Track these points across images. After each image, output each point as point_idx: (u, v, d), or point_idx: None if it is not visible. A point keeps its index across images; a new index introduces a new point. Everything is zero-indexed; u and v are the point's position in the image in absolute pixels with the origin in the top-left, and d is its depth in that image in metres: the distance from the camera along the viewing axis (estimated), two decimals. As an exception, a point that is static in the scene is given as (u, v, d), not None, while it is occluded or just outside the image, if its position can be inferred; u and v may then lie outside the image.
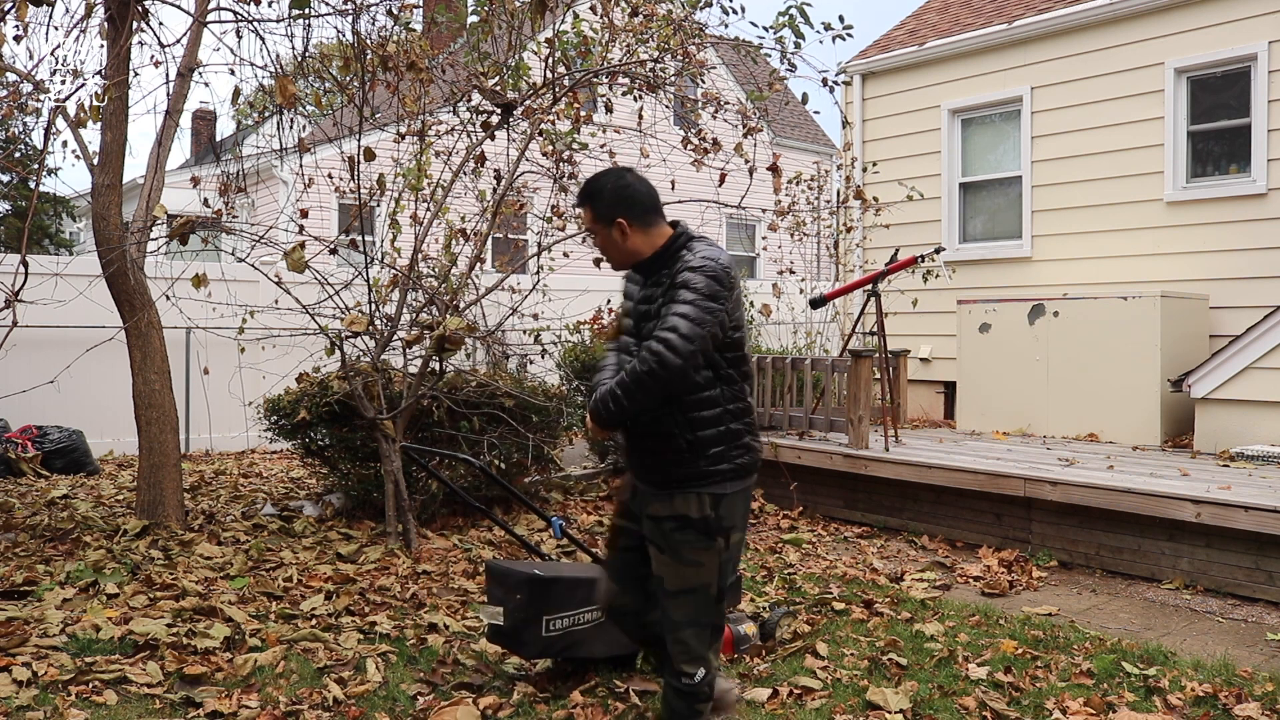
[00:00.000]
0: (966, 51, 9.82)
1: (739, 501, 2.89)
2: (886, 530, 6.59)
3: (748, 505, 2.97)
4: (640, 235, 2.92)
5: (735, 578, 2.99)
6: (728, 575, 2.92)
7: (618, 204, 2.92)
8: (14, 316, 5.04)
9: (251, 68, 5.74)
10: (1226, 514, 4.97)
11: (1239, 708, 3.56)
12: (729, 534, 2.87)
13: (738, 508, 2.89)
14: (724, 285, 2.76)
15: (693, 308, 2.70)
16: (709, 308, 2.72)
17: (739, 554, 2.98)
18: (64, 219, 18.70)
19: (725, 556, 2.88)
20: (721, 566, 2.88)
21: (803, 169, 10.98)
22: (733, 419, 2.87)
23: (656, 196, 2.97)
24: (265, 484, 7.89)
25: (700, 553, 2.86)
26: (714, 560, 2.86)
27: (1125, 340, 7.60)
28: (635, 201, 2.92)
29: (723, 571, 2.89)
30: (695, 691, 2.89)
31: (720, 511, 2.84)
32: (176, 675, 3.74)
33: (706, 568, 2.87)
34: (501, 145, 6.85)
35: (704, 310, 2.71)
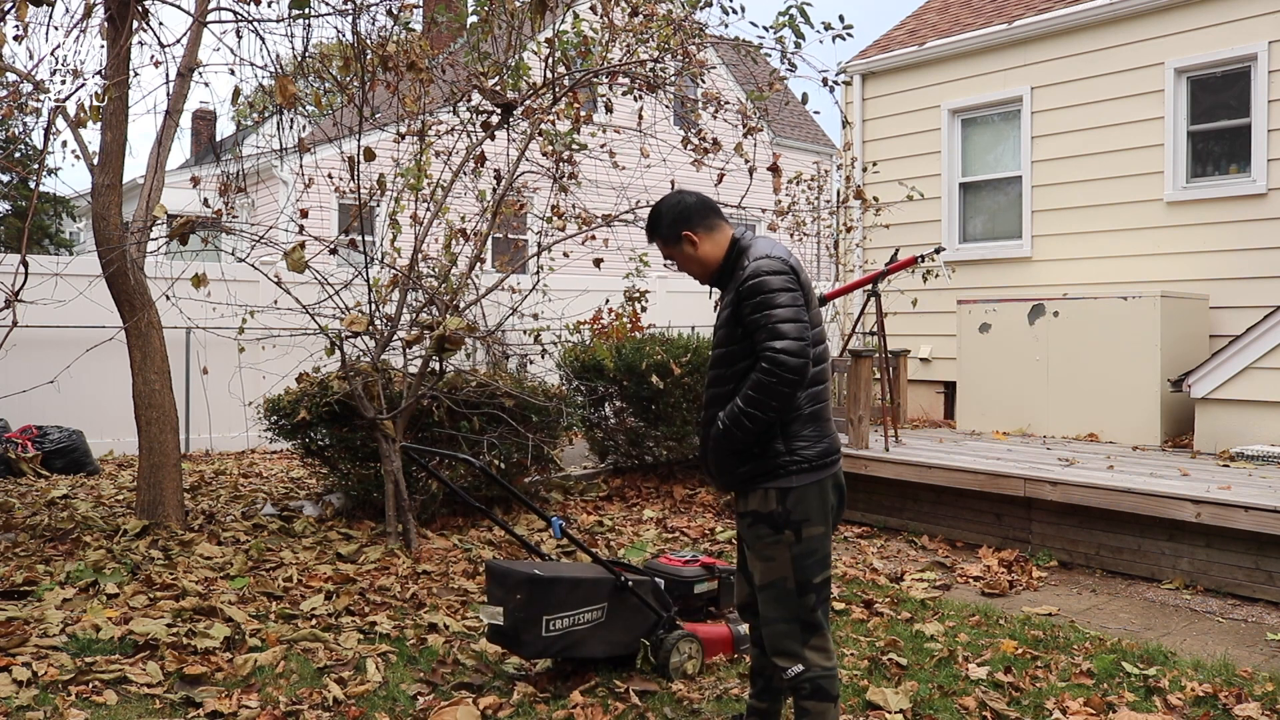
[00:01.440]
0: (966, 51, 9.82)
1: (809, 495, 2.90)
2: (886, 530, 6.59)
3: (823, 499, 2.93)
4: (708, 241, 3.06)
5: (824, 575, 2.94)
6: (809, 570, 2.91)
7: (677, 220, 3.07)
8: (14, 316, 5.04)
9: (251, 68, 5.74)
10: (1226, 514, 4.97)
11: (1239, 708, 3.56)
12: (799, 527, 2.89)
13: (808, 501, 2.90)
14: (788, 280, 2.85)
15: (780, 309, 2.81)
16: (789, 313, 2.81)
17: (821, 548, 2.93)
18: (64, 219, 18.70)
19: (797, 549, 2.89)
20: (795, 560, 2.90)
21: (803, 169, 10.99)
22: (793, 411, 2.88)
23: (709, 200, 3.11)
24: (265, 484, 7.89)
25: (771, 547, 2.92)
26: (784, 554, 2.90)
27: (1125, 340, 7.60)
28: (692, 211, 3.07)
29: (799, 565, 2.90)
30: (796, 687, 2.93)
31: (788, 505, 2.89)
32: (176, 675, 3.74)
33: (779, 562, 2.92)
34: (501, 145, 6.84)
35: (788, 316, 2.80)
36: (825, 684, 2.92)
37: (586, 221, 7.08)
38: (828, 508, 2.95)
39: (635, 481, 7.97)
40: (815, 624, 2.92)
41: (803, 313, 2.84)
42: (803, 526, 2.89)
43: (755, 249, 2.96)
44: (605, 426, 8.16)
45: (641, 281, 9.01)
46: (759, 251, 2.93)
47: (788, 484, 2.89)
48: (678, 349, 7.79)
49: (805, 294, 2.92)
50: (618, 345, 7.93)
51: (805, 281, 2.95)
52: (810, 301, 2.94)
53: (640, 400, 7.73)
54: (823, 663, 2.92)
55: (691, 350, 7.83)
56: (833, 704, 2.94)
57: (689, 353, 7.77)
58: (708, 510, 7.23)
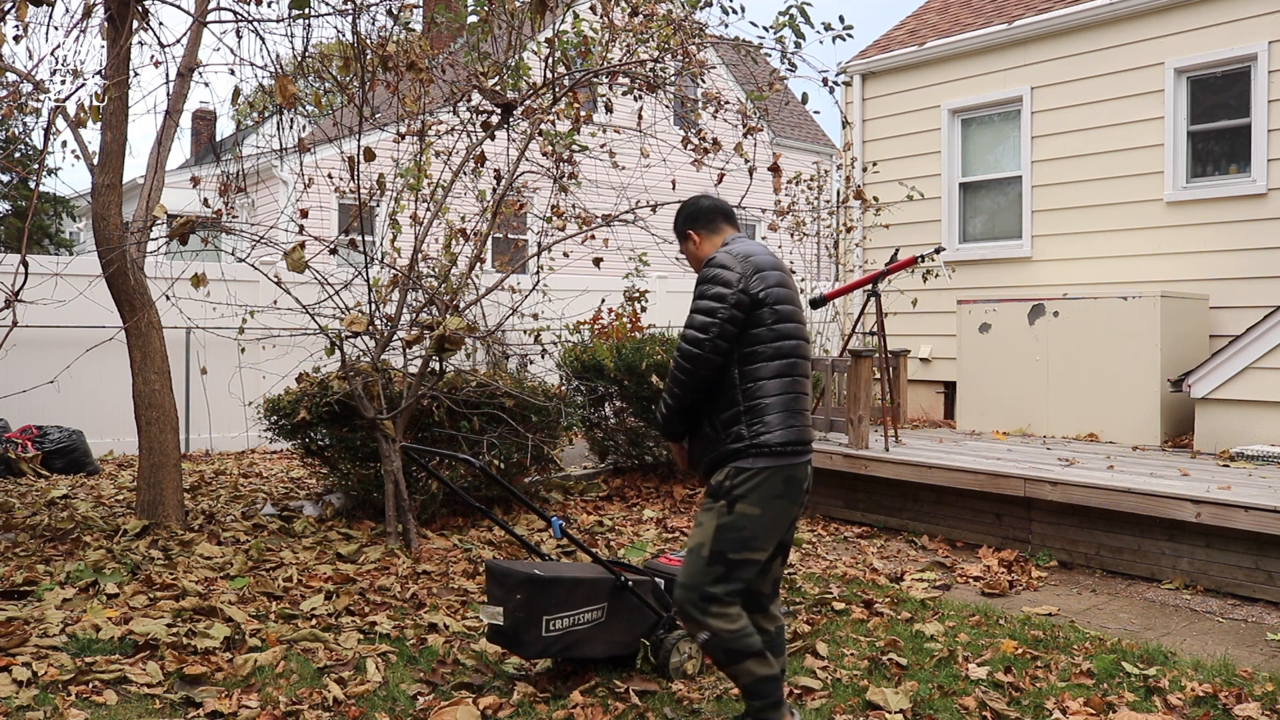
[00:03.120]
0: (966, 51, 9.82)
1: (760, 478, 3.01)
2: (886, 530, 6.59)
3: (774, 486, 3.03)
4: (707, 241, 3.33)
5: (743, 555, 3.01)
6: (727, 543, 3.01)
7: (685, 220, 3.38)
8: (14, 316, 5.04)
9: (251, 68, 5.74)
10: (1226, 514, 4.97)
11: (1239, 708, 3.56)
12: (735, 501, 3.01)
13: (756, 482, 3.01)
14: (719, 281, 3.04)
15: (700, 301, 3.05)
16: (705, 307, 3.04)
17: (750, 528, 3.01)
18: (64, 219, 18.70)
19: (724, 520, 3.01)
20: (718, 529, 3.02)
21: (803, 169, 10.99)
22: (750, 398, 3.04)
23: (723, 206, 3.38)
24: (265, 484, 7.89)
25: (705, 513, 3.08)
26: (711, 521, 3.03)
27: (1125, 340, 7.60)
28: (700, 212, 3.36)
29: (719, 535, 3.01)
30: (711, 655, 3.06)
31: (734, 480, 3.03)
32: (176, 675, 3.74)
33: (704, 528, 3.05)
34: (501, 145, 6.85)
35: (704, 310, 3.04)
36: (735, 644, 3.01)
37: (586, 221, 7.08)
38: (772, 496, 3.03)
39: (635, 481, 7.97)
40: (713, 597, 3.01)
41: (718, 307, 3.00)
42: (738, 501, 3.01)
43: (721, 251, 3.14)
44: (605, 426, 8.17)
45: (641, 281, 9.00)
46: (728, 250, 3.13)
47: (741, 464, 3.03)
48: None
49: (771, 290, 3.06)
50: (618, 345, 7.93)
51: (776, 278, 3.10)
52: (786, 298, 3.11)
53: (640, 400, 7.73)
54: (727, 626, 3.01)
55: (691, 350, 7.80)
56: (753, 658, 3.03)
57: (689, 353, 7.75)
58: (708, 510, 7.22)
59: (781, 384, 3.06)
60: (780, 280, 3.11)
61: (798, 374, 3.12)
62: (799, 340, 3.14)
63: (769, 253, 3.19)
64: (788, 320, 3.11)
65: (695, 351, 3.01)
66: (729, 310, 3.00)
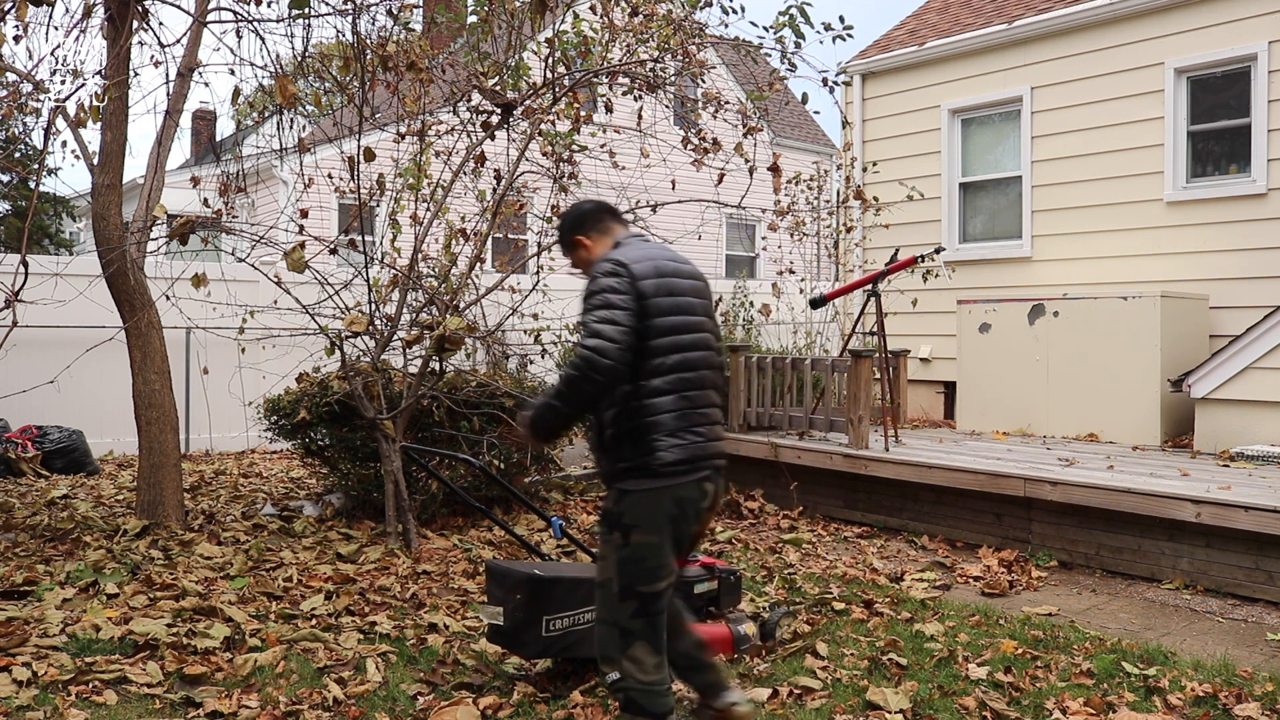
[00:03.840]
0: (966, 51, 9.82)
1: (648, 501, 2.85)
2: (886, 530, 6.59)
3: (666, 509, 2.85)
4: (600, 244, 3.11)
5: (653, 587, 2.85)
6: (633, 576, 2.86)
7: (571, 227, 3.15)
8: (14, 316, 5.04)
9: (251, 68, 5.74)
10: (1226, 514, 4.97)
11: (1239, 708, 3.56)
12: (629, 531, 2.86)
13: (644, 507, 2.85)
14: (613, 289, 2.82)
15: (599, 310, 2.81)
16: (606, 316, 2.79)
17: (652, 558, 2.86)
18: (64, 219, 18.70)
19: (624, 553, 2.87)
20: (620, 564, 2.87)
21: (803, 169, 10.99)
22: (635, 416, 2.85)
23: (607, 205, 3.18)
24: (265, 484, 7.89)
25: (604, 545, 2.94)
26: (610, 554, 2.90)
27: (1125, 340, 7.60)
28: (585, 216, 3.14)
29: (623, 569, 2.87)
30: (614, 693, 2.93)
31: (623, 507, 2.88)
32: (176, 675, 3.74)
33: (607, 561, 2.92)
34: (501, 145, 6.84)
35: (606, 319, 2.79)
36: (638, 698, 2.86)
37: (586, 221, 7.07)
38: (665, 519, 2.86)
39: (635, 481, 7.96)
40: (632, 632, 2.87)
41: (622, 315, 2.79)
42: (632, 531, 2.85)
43: (610, 254, 2.94)
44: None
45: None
46: (609, 256, 2.92)
47: (626, 485, 2.87)
48: (678, 349, 7.77)
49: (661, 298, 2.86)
50: (618, 345, 7.90)
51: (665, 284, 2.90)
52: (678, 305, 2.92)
53: (640, 400, 7.71)
54: (638, 675, 2.86)
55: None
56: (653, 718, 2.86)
57: (689, 353, 7.75)
58: (708, 510, 7.22)
59: (673, 397, 2.86)
60: (669, 286, 2.91)
61: (693, 384, 2.92)
62: (698, 348, 2.95)
63: (665, 253, 3.02)
64: (683, 327, 2.92)
65: (605, 362, 2.74)
66: (628, 315, 2.79)
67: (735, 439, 7.56)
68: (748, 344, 8.25)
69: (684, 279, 3.00)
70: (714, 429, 3.00)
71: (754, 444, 7.38)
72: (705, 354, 3.00)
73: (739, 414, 7.64)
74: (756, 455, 7.35)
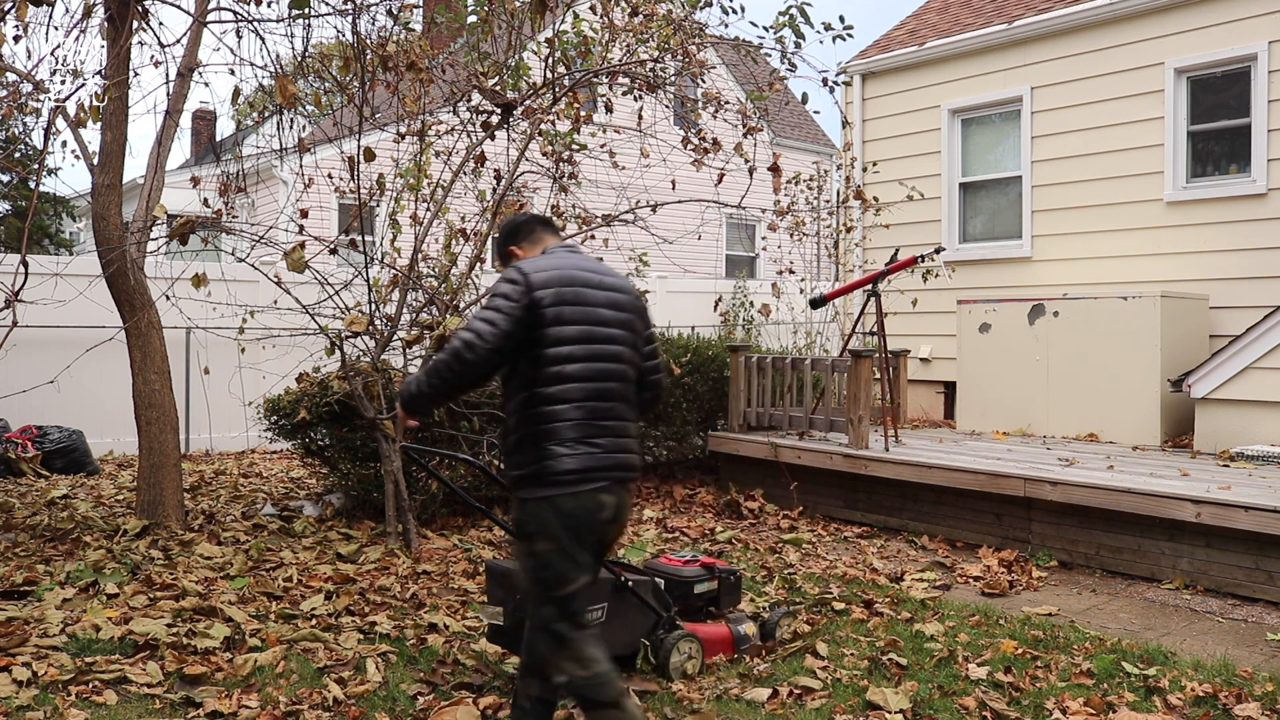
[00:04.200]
0: (966, 51, 9.82)
1: (541, 509, 2.85)
2: (886, 530, 6.59)
3: (562, 518, 2.84)
4: (530, 254, 3.14)
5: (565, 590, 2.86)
6: (544, 584, 2.88)
7: (505, 239, 3.22)
8: (14, 316, 5.04)
9: (251, 68, 5.74)
10: (1226, 514, 4.97)
11: (1239, 708, 3.56)
12: (532, 539, 2.89)
13: (539, 515, 2.86)
14: (505, 295, 2.87)
15: (483, 310, 2.89)
16: (487, 316, 2.85)
17: (557, 564, 2.85)
18: (64, 219, 18.70)
19: (531, 562, 2.90)
20: (531, 572, 2.92)
21: (803, 169, 10.99)
22: (531, 424, 2.87)
23: (542, 217, 3.25)
24: (265, 484, 7.89)
25: (516, 553, 3.03)
26: (524, 561, 2.95)
27: (1125, 340, 7.60)
28: (518, 227, 3.21)
29: (534, 577, 2.90)
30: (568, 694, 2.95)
31: (523, 516, 2.91)
32: (176, 675, 3.74)
33: (524, 569, 2.97)
34: (501, 145, 6.85)
35: (486, 318, 2.85)
36: (589, 691, 2.87)
37: (586, 221, 7.09)
38: (563, 528, 2.84)
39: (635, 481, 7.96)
40: (561, 634, 2.88)
41: (501, 319, 2.83)
42: (534, 539, 2.88)
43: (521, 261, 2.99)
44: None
45: (641, 281, 8.99)
46: (516, 264, 2.97)
47: (523, 494, 2.89)
48: (678, 349, 7.79)
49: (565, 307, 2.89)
50: (618, 345, 7.91)
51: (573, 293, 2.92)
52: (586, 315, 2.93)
53: (640, 400, 7.71)
54: (579, 671, 2.87)
55: (691, 350, 7.83)
56: (608, 708, 2.87)
57: (689, 353, 7.77)
58: (708, 510, 7.23)
59: (569, 406, 2.86)
60: (578, 295, 2.92)
61: (595, 395, 2.90)
62: (603, 359, 2.94)
63: (584, 264, 3.02)
64: (586, 337, 2.91)
65: (469, 356, 2.82)
66: (509, 321, 2.82)
67: (735, 439, 7.56)
68: (748, 344, 8.25)
69: (600, 290, 2.99)
70: (619, 440, 2.96)
71: (754, 444, 7.38)
72: (613, 365, 2.97)
73: (739, 414, 7.65)
74: (756, 455, 7.35)
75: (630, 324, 3.05)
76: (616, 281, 3.08)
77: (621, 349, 3.00)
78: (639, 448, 2.99)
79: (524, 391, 2.90)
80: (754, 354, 7.80)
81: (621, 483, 2.96)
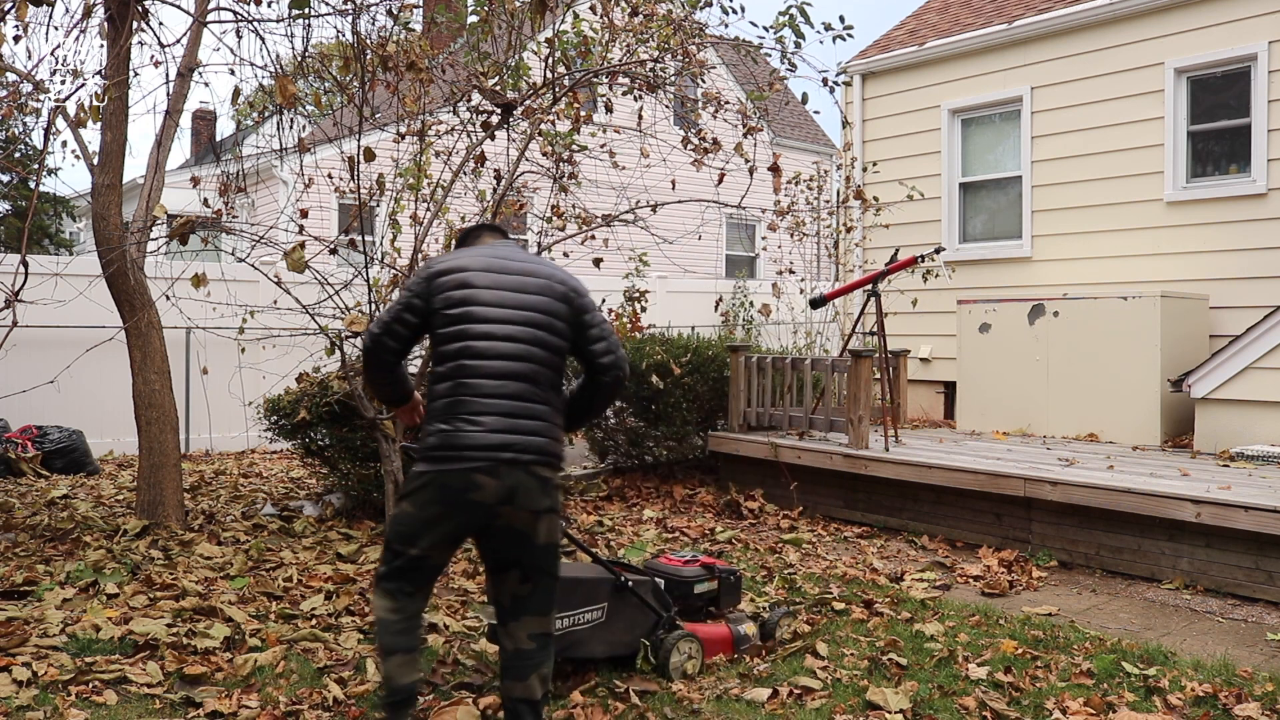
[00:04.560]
0: (966, 51, 9.82)
1: (416, 480, 2.98)
2: (886, 530, 6.59)
3: (429, 492, 2.94)
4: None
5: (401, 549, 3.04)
6: (391, 533, 3.06)
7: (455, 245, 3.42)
8: (14, 316, 5.04)
9: (251, 68, 5.74)
10: (1226, 514, 4.97)
11: (1239, 708, 3.56)
12: (402, 498, 3.06)
13: (413, 484, 2.99)
14: (409, 284, 3.12)
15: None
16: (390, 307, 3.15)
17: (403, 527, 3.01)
18: (64, 219, 18.70)
19: (393, 513, 3.10)
20: (390, 520, 3.14)
21: (803, 169, 10.99)
22: (428, 400, 3.07)
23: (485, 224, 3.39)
24: (265, 484, 7.89)
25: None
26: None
27: (1125, 340, 7.60)
28: (466, 234, 3.39)
29: (390, 526, 3.09)
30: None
31: (407, 477, 3.08)
32: (176, 675, 3.74)
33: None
34: (501, 145, 6.84)
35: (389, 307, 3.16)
36: (377, 628, 3.07)
37: (586, 221, 7.09)
38: (426, 501, 2.95)
39: (635, 481, 7.97)
40: (380, 575, 3.09)
41: (397, 307, 3.08)
42: (404, 499, 3.05)
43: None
44: (605, 426, 8.17)
45: (641, 281, 9.00)
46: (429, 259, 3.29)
47: (414, 465, 3.05)
48: (678, 349, 7.79)
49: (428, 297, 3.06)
50: (618, 345, 7.90)
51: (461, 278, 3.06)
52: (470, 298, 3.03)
53: (640, 400, 7.73)
54: (377, 607, 3.07)
55: (691, 350, 7.83)
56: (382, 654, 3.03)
57: (689, 353, 7.77)
58: (708, 510, 7.23)
59: (449, 384, 2.97)
60: (487, 280, 3.04)
61: (478, 373, 2.95)
62: (493, 338, 2.99)
63: (502, 253, 3.14)
64: (475, 317, 3.00)
65: (367, 343, 3.13)
66: (399, 310, 3.07)
67: (735, 439, 7.56)
68: (748, 344, 8.25)
69: (505, 274, 3.09)
70: (509, 420, 2.95)
71: (754, 444, 7.38)
72: (507, 345, 2.99)
73: (739, 414, 7.65)
74: (756, 455, 7.35)
75: (540, 306, 3.08)
76: (532, 268, 3.14)
77: (519, 329, 3.02)
78: (549, 430, 3.02)
79: (431, 370, 3.13)
80: (754, 354, 7.80)
81: (506, 464, 2.92)
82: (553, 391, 3.08)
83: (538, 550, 3.03)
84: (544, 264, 3.19)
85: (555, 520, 3.06)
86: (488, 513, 2.95)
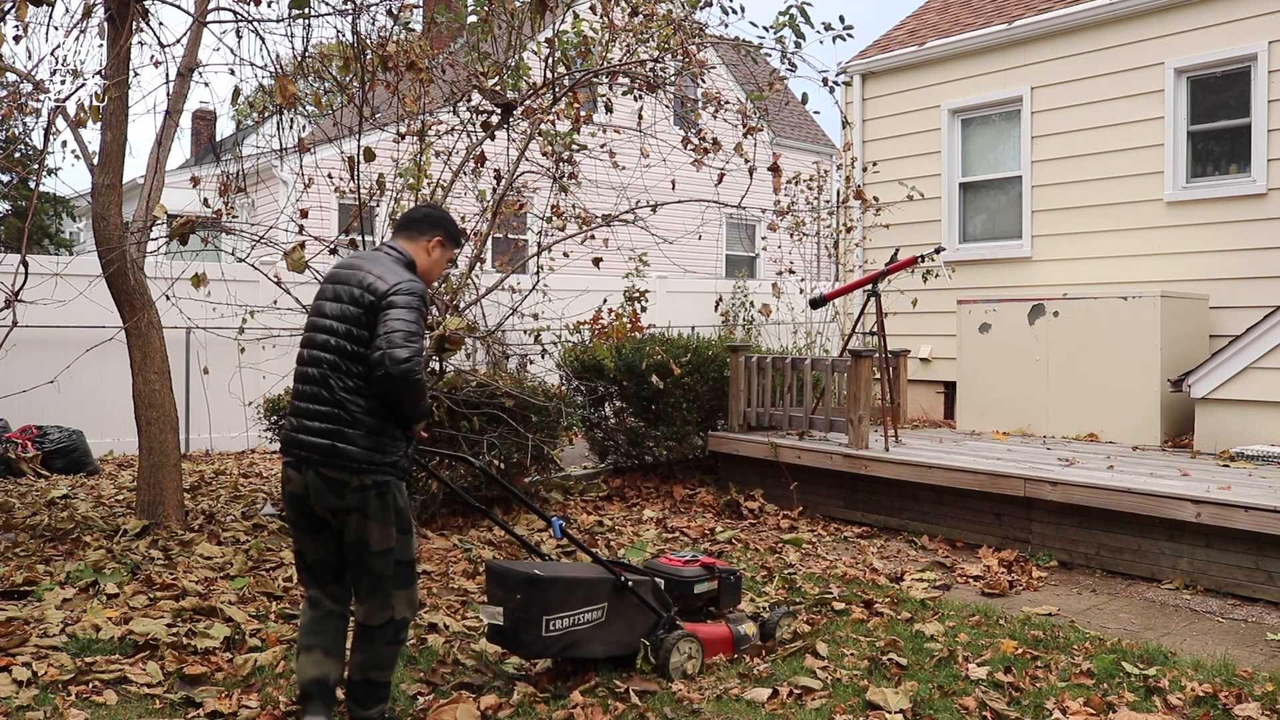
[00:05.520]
0: (966, 51, 9.82)
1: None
2: (886, 530, 6.59)
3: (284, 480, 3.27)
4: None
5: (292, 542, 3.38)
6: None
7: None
8: (14, 316, 5.04)
9: (251, 68, 5.74)
10: (1226, 514, 4.97)
11: (1239, 708, 3.56)
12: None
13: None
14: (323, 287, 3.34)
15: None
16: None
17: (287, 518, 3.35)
18: (64, 219, 18.69)
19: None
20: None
21: (803, 169, 10.99)
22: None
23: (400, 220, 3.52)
24: (265, 484, 7.88)
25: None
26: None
27: (1125, 340, 7.60)
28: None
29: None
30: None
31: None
32: (176, 675, 3.74)
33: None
34: (501, 145, 6.85)
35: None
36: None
37: (586, 221, 7.09)
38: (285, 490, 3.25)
39: (635, 481, 7.97)
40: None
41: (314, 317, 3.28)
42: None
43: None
44: (605, 426, 8.17)
45: (641, 281, 9.01)
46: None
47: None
48: (678, 349, 7.79)
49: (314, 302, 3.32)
50: (618, 345, 7.93)
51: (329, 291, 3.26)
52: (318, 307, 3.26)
53: (640, 400, 7.73)
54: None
55: (691, 350, 7.83)
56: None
57: (689, 353, 7.77)
58: (708, 510, 7.23)
59: (292, 388, 3.26)
60: (327, 291, 3.26)
61: (299, 378, 3.22)
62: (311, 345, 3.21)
63: (357, 261, 3.29)
64: (309, 326, 3.26)
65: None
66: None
67: (735, 439, 7.56)
68: (748, 344, 8.25)
69: (335, 284, 3.26)
70: (305, 422, 3.17)
71: (754, 444, 7.38)
72: (317, 352, 3.20)
73: (739, 414, 7.65)
74: (756, 455, 7.35)
75: (336, 313, 3.21)
76: (351, 274, 3.24)
77: (328, 337, 3.19)
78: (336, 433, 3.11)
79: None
80: (754, 354, 7.80)
81: (308, 463, 3.14)
82: (356, 395, 3.13)
83: (346, 545, 3.22)
84: (364, 268, 3.23)
85: (363, 522, 3.15)
86: (299, 505, 3.23)
